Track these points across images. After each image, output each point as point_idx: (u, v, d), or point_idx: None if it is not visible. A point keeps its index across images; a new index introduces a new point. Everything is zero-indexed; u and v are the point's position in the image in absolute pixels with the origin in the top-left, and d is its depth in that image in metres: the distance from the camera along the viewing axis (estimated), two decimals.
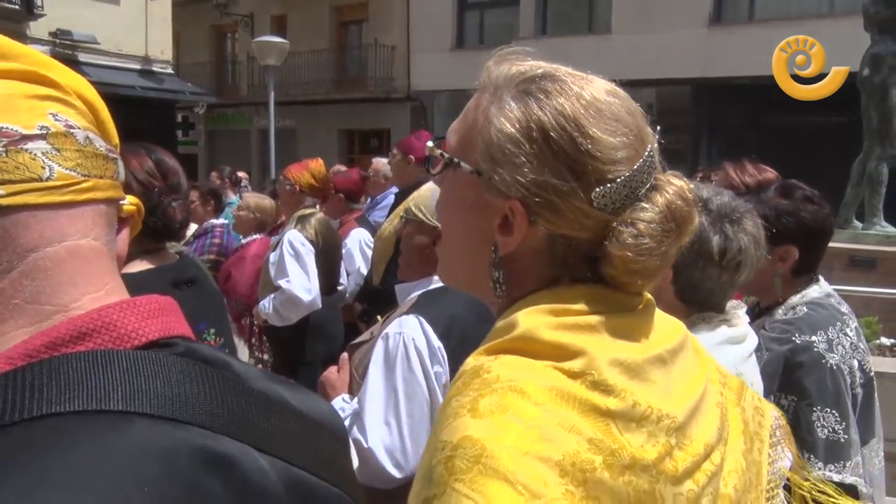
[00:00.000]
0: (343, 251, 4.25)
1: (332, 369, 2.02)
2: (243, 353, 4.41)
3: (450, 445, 0.70)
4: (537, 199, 0.79)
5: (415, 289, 2.04)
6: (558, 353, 0.77)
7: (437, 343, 1.83)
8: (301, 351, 3.79)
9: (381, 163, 5.61)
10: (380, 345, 1.85)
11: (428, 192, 2.12)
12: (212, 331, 2.12)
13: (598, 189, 0.78)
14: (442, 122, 17.94)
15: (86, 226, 0.61)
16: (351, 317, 4.18)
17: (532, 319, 0.79)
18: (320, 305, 3.68)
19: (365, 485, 1.73)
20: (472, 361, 0.79)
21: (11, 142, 0.57)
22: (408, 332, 1.83)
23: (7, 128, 0.58)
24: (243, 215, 4.74)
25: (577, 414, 0.73)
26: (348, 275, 4.34)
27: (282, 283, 3.59)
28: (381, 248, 4.25)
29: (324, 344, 3.81)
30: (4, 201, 0.57)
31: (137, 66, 15.18)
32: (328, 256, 3.87)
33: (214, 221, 5.26)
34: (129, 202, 0.71)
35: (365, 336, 2.07)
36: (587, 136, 0.79)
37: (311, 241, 3.72)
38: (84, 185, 0.61)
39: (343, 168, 6.08)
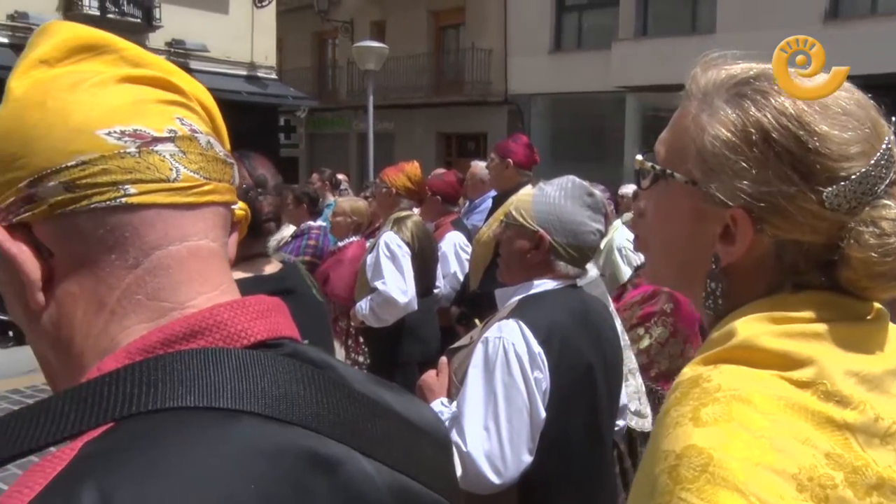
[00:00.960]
0: (438, 254, 4.26)
1: (431, 373, 2.02)
2: (339, 355, 4.50)
3: (673, 455, 0.68)
4: (762, 205, 0.76)
5: (515, 293, 2.01)
6: (783, 363, 0.73)
7: (537, 348, 1.80)
8: (396, 353, 3.82)
9: (479, 166, 5.59)
10: (479, 349, 1.83)
11: (528, 196, 2.09)
12: (305, 342, 2.15)
13: (830, 189, 0.74)
14: (539, 126, 17.84)
15: (206, 227, 0.63)
16: (448, 320, 4.18)
17: (752, 328, 0.75)
18: (416, 307, 3.70)
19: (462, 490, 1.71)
20: (688, 372, 0.76)
21: (144, 143, 0.59)
22: (507, 337, 1.80)
23: (141, 130, 0.60)
24: (340, 221, 4.79)
25: (811, 426, 0.68)
26: (444, 278, 4.35)
27: (378, 284, 3.63)
28: (479, 253, 4.23)
29: (419, 346, 3.83)
30: (136, 199, 0.58)
31: (244, 73, 15.75)
32: (424, 259, 3.89)
33: (311, 223, 5.37)
34: (240, 207, 0.73)
35: (464, 340, 2.06)
36: (813, 133, 0.74)
37: (407, 244, 3.75)
38: (206, 187, 0.63)
39: (443, 171, 6.10)
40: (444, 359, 2.02)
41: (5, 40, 11.62)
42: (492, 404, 1.76)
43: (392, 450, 0.63)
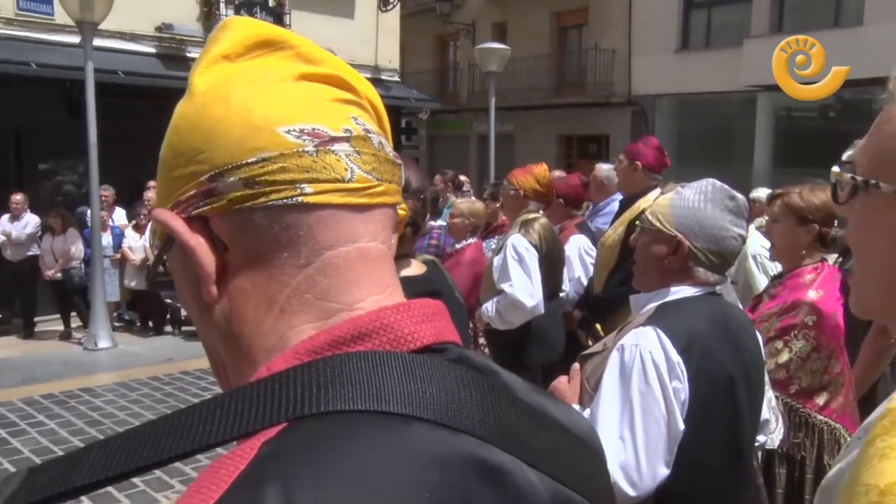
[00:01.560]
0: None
1: (563, 379, 1.99)
2: None
3: (875, 490, 0.62)
4: None
5: (651, 300, 1.96)
6: None
7: (675, 357, 1.74)
8: (521, 356, 3.81)
9: (603, 169, 5.51)
10: (615, 356, 1.79)
11: (666, 200, 2.03)
12: None
13: None
14: (664, 127, 17.36)
15: (375, 229, 0.62)
16: (570, 324, 4.13)
17: None
18: (543, 311, 3.67)
19: None
20: None
21: (322, 142, 0.59)
22: (644, 345, 1.75)
23: (319, 129, 0.59)
24: (457, 222, 4.81)
25: None
26: (568, 282, 4.30)
27: (505, 286, 3.62)
28: (604, 256, 4.16)
29: (544, 350, 3.80)
30: (312, 199, 0.58)
31: (368, 75, 15.98)
32: (551, 262, 3.86)
33: (432, 223, 5.44)
34: (401, 207, 0.72)
35: (597, 347, 2.02)
36: None
37: (535, 246, 3.72)
38: (378, 188, 0.62)
39: (562, 173, 6.04)
40: (576, 365, 1.99)
41: (153, 50, 12.41)
42: (627, 413, 1.72)
43: (555, 461, 0.61)
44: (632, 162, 4.18)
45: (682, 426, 1.73)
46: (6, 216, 9.70)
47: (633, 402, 1.72)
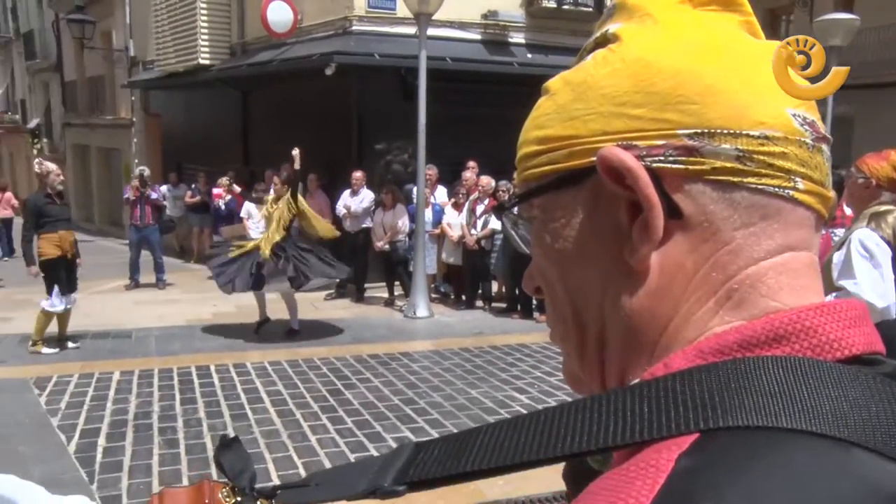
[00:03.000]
0: None
1: None
2: None
3: None
4: None
5: None
6: None
7: None
8: None
9: None
10: None
11: None
12: None
13: None
14: None
15: (810, 235, 0.55)
16: None
17: None
18: (894, 315, 3.19)
19: None
20: None
21: (817, 138, 0.53)
22: None
23: (816, 122, 0.54)
24: None
25: None
26: None
27: (847, 284, 3.21)
28: None
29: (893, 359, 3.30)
30: (801, 196, 0.52)
31: None
32: None
33: None
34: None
35: None
36: None
37: (888, 242, 3.25)
38: (828, 194, 0.56)
39: None
40: None
41: (478, 37, 13.08)
42: None
43: None
44: None
45: None
46: (347, 191, 10.92)
47: None
